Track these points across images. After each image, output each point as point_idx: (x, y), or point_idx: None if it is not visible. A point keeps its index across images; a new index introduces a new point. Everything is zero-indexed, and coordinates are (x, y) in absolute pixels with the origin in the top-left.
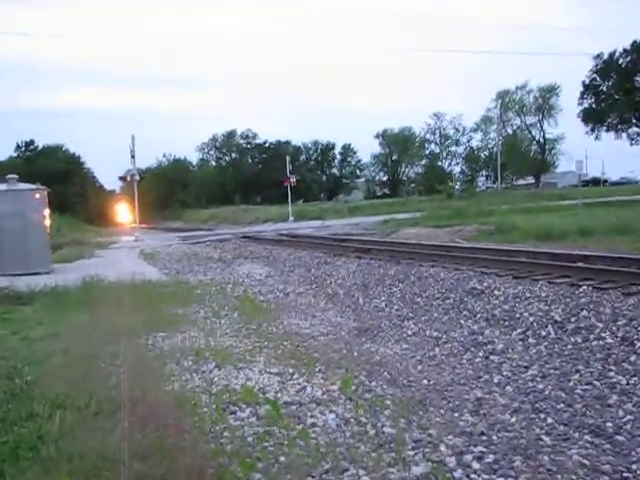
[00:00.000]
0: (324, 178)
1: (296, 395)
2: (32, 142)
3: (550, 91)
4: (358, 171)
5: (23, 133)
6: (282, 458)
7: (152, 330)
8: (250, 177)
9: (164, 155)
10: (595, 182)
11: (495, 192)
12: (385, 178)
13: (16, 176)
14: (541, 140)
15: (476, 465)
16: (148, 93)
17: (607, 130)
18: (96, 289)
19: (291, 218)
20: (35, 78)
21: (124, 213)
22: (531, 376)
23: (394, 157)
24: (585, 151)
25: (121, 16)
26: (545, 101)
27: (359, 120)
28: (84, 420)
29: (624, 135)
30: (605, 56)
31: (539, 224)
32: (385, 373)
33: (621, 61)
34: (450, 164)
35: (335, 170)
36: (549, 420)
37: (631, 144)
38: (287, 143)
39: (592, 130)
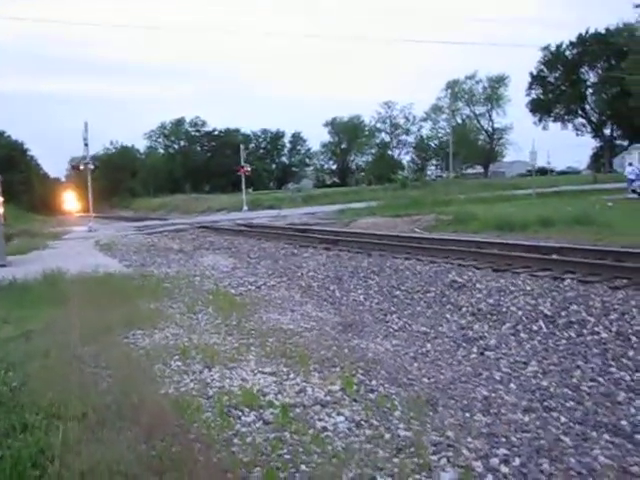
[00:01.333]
0: (274, 166)
1: (297, 397)
2: None
3: (499, 81)
4: (307, 160)
5: None
6: (303, 467)
7: (128, 327)
8: (199, 165)
9: (111, 142)
10: (542, 171)
11: (447, 181)
12: (334, 167)
13: None
14: (490, 130)
15: (505, 469)
16: (95, 79)
17: (554, 120)
18: (59, 283)
19: (245, 207)
20: None
21: (72, 202)
22: (532, 372)
23: (343, 146)
24: (532, 141)
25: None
26: (494, 91)
27: (309, 108)
28: (85, 431)
29: (570, 126)
30: (552, 48)
31: (498, 214)
32: (382, 371)
33: (567, 53)
34: (400, 153)
35: (284, 159)
36: (562, 419)
37: (577, 134)
38: (236, 131)
39: (539, 120)
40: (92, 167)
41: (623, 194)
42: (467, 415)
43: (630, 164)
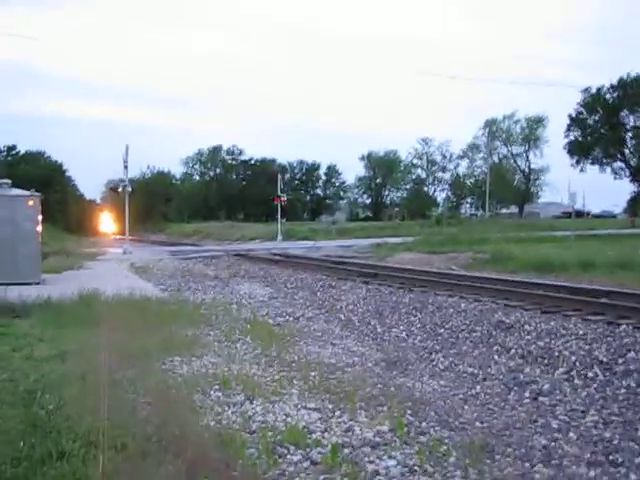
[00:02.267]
0: (308, 198)
1: (345, 436)
2: (14, 147)
3: (537, 122)
4: (342, 192)
5: (5, 136)
6: None
7: (166, 353)
8: (234, 193)
9: (148, 167)
10: (578, 214)
11: (482, 220)
12: (368, 200)
13: (9, 181)
14: (526, 170)
15: None
16: (134, 104)
17: (592, 163)
18: (94, 304)
19: (280, 237)
20: (22, 82)
21: (108, 223)
22: (592, 422)
23: (378, 180)
24: (568, 183)
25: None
26: (532, 132)
27: (345, 141)
28: (125, 463)
29: (608, 169)
30: (593, 90)
31: (536, 254)
32: (432, 412)
33: (608, 96)
34: (435, 190)
35: (319, 190)
36: (633, 476)
37: (614, 178)
38: (272, 161)
39: (577, 162)
40: (130, 190)
41: None
42: (527, 465)
43: None
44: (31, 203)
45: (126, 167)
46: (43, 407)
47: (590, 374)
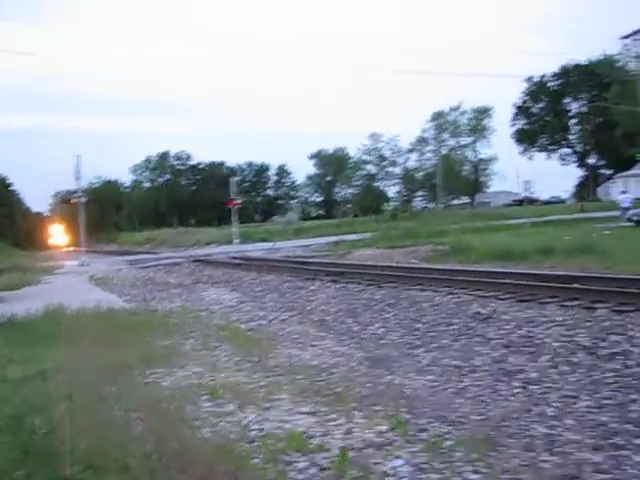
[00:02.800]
0: (259, 199)
1: (346, 438)
2: None
3: (483, 112)
4: (293, 192)
5: None
6: None
7: (146, 366)
8: (185, 199)
9: (95, 177)
10: (528, 201)
11: (436, 212)
12: (320, 199)
13: None
14: (475, 160)
15: None
16: (78, 113)
17: (539, 151)
18: (61, 319)
19: (236, 240)
20: None
21: (59, 236)
22: (586, 407)
23: (328, 178)
24: (516, 171)
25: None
26: (478, 122)
27: (294, 141)
28: None
29: (555, 155)
30: (536, 79)
31: (495, 244)
32: (425, 409)
33: (551, 84)
34: (387, 185)
35: (270, 191)
36: (636, 458)
37: (562, 164)
38: (221, 164)
39: (525, 150)
40: (84, 201)
41: (616, 222)
42: (533, 455)
43: (623, 192)
44: None
45: (78, 178)
46: (33, 431)
47: (575, 359)
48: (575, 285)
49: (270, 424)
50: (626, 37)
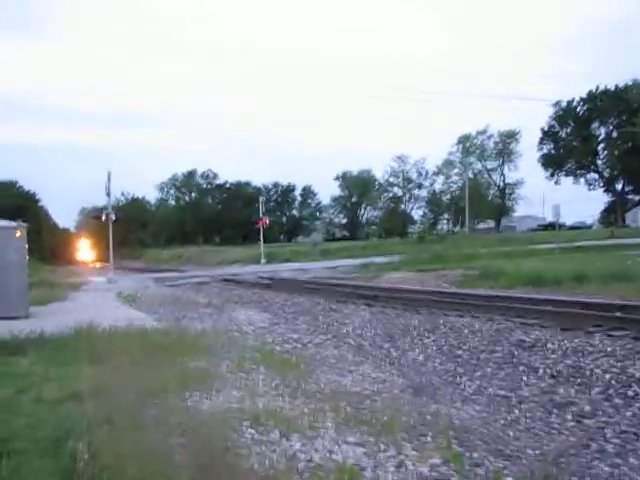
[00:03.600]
0: (284, 219)
1: (399, 472)
2: None
3: (510, 136)
4: (318, 213)
5: None
6: None
7: (182, 388)
8: (210, 217)
9: (122, 194)
10: (553, 226)
11: (463, 235)
12: (344, 220)
13: None
14: (501, 184)
15: None
16: (106, 130)
17: (566, 175)
18: (93, 337)
19: (263, 260)
20: None
21: (86, 252)
22: None
23: (353, 199)
24: (542, 196)
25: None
26: (505, 146)
27: (320, 162)
28: None
29: (582, 180)
30: (563, 104)
31: (526, 269)
32: (477, 441)
33: (578, 109)
34: (413, 207)
35: (295, 212)
36: None
37: (589, 189)
38: (247, 184)
39: (551, 175)
40: (114, 217)
41: None
42: None
43: None
44: (18, 234)
45: (109, 194)
46: (73, 456)
47: (630, 393)
48: (618, 314)
49: (318, 454)
50: None
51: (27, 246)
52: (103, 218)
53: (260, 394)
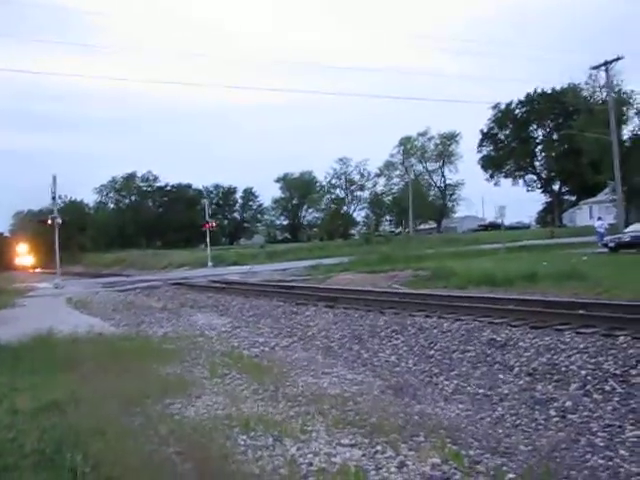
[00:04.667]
0: (225, 222)
1: (402, 472)
2: None
3: (450, 138)
4: (259, 215)
5: None
6: None
7: (162, 395)
8: (151, 221)
9: (60, 197)
10: (493, 226)
11: (408, 236)
12: (285, 222)
13: None
14: (442, 186)
15: None
16: (41, 133)
17: (505, 177)
18: (52, 345)
19: (210, 263)
20: None
21: (26, 257)
22: (636, 437)
23: (295, 201)
24: (482, 196)
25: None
26: (445, 148)
27: (260, 164)
28: None
29: (520, 181)
30: (502, 106)
31: (477, 269)
32: (470, 439)
33: (517, 111)
34: (355, 209)
35: (236, 214)
36: None
37: (527, 190)
38: (188, 186)
39: (491, 176)
40: (60, 221)
41: (591, 248)
42: None
43: (599, 218)
44: None
45: (54, 198)
46: (73, 470)
47: (607, 387)
48: (581, 311)
49: (317, 458)
50: (596, 68)
51: None
52: (49, 222)
53: (241, 399)
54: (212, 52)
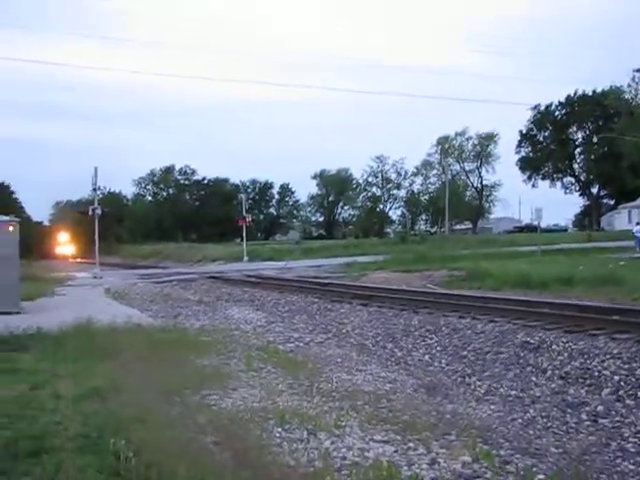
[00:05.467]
0: (261, 217)
1: (433, 469)
2: None
3: (488, 139)
4: (295, 211)
5: None
6: None
7: (199, 386)
8: (187, 214)
9: (98, 188)
10: (529, 228)
11: (444, 236)
12: (321, 219)
13: None
14: (479, 186)
15: None
16: (81, 125)
17: (543, 178)
18: (92, 334)
19: (246, 258)
20: None
21: (67, 247)
22: None
23: (331, 198)
24: (518, 198)
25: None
26: (483, 148)
27: (298, 160)
28: None
29: (558, 184)
30: (542, 107)
31: (512, 271)
32: (501, 439)
33: (557, 113)
34: (391, 207)
35: (272, 210)
36: None
37: (565, 193)
38: (225, 181)
39: (529, 178)
40: (100, 212)
41: (628, 253)
42: None
43: (638, 223)
44: (11, 229)
45: (95, 189)
46: (116, 454)
47: None
48: (616, 317)
49: (350, 452)
50: (639, 70)
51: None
52: (90, 213)
53: (276, 392)
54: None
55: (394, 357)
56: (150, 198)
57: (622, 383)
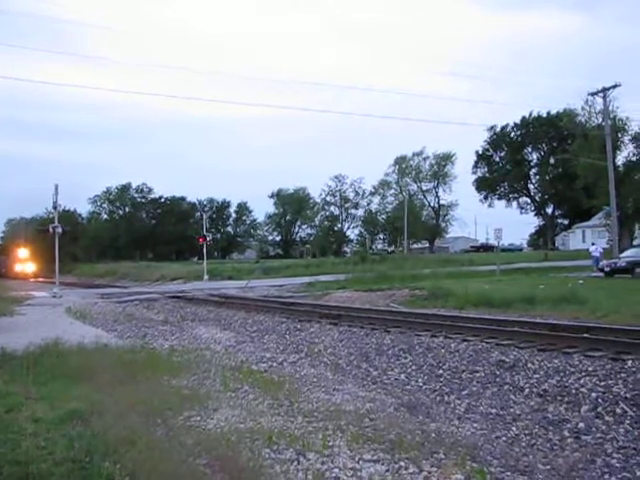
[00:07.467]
0: (219, 236)
1: None
2: None
3: (445, 159)
4: (252, 230)
5: None
6: None
7: (180, 408)
8: (144, 232)
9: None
10: (485, 248)
11: (403, 255)
12: (278, 238)
13: None
14: (435, 206)
15: None
16: (36, 142)
17: (499, 198)
18: (62, 355)
19: (206, 277)
20: None
21: (27, 265)
22: None
23: (288, 217)
24: (475, 218)
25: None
26: (440, 168)
27: (255, 179)
28: None
29: (514, 204)
30: (498, 129)
31: (473, 290)
32: (488, 457)
33: (512, 134)
34: (349, 227)
35: (230, 228)
36: None
37: (520, 212)
38: (182, 199)
39: (485, 198)
40: (60, 231)
41: (585, 271)
42: None
43: (593, 243)
44: None
45: (55, 207)
46: (110, 478)
47: (618, 410)
48: (585, 335)
49: (342, 473)
50: (594, 94)
51: None
52: (50, 231)
53: (259, 413)
54: (212, 66)
55: (370, 376)
56: (106, 216)
57: (600, 400)
